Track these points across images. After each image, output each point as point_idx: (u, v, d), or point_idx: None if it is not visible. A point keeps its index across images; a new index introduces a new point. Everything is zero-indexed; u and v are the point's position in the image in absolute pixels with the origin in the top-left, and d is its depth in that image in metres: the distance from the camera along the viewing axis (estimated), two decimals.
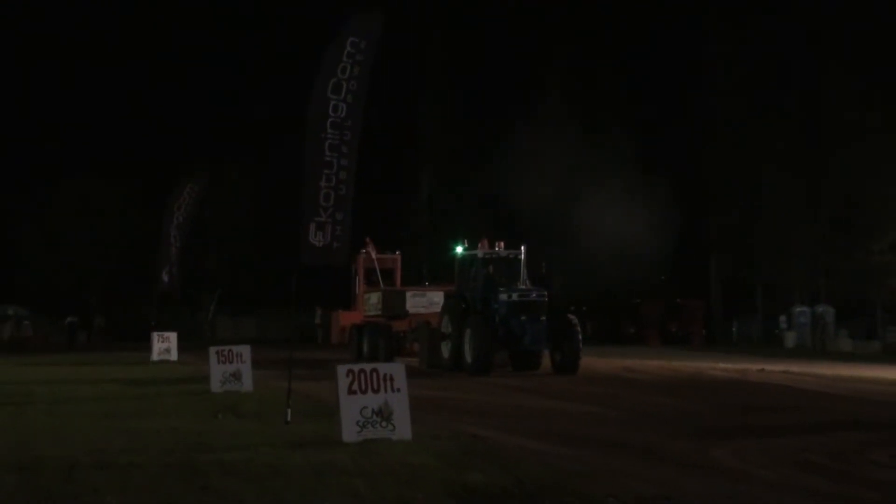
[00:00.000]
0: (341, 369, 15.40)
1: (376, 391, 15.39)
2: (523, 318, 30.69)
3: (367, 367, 15.61)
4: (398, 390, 15.50)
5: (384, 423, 15.27)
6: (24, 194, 67.21)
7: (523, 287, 31.47)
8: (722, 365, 35.88)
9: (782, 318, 60.21)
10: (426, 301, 35.85)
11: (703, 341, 60.20)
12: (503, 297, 31.03)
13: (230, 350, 25.19)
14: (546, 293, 31.72)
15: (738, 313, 65.07)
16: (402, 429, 15.33)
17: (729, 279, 65.00)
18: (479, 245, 33.46)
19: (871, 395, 25.51)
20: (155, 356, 39.19)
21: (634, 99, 65.28)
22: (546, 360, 32.24)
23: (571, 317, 31.94)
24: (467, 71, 67.61)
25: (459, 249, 33.73)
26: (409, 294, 36.34)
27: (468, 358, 30.27)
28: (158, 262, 43.21)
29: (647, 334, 60.20)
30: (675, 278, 68.13)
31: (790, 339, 56.22)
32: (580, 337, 31.28)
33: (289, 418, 17.62)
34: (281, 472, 12.57)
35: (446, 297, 34.12)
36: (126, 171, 65.92)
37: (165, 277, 42.81)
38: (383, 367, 15.71)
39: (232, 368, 24.71)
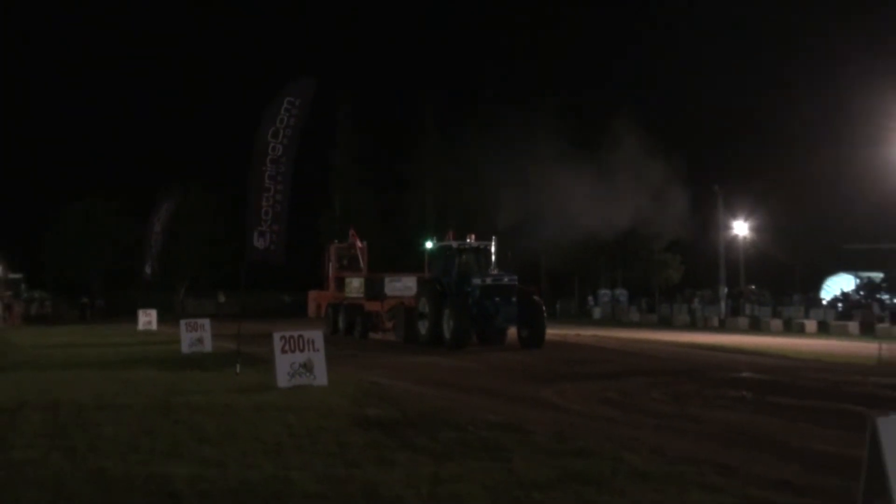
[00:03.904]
0: (276, 335, 15.41)
1: (302, 351, 15.39)
2: (497, 299, 26.58)
3: (295, 333, 15.54)
4: (318, 350, 15.52)
5: (308, 374, 15.28)
6: (44, 210, 66.17)
7: (495, 272, 27.66)
8: (549, 331, 36.11)
9: (590, 298, 61.19)
10: (401, 285, 31.87)
11: None
12: (478, 281, 26.88)
13: (196, 322, 24.97)
14: (516, 277, 27.83)
15: (560, 295, 65.80)
16: (321, 377, 15.34)
17: (553, 270, 65.65)
18: (447, 237, 30.52)
19: (651, 351, 26.00)
20: (140, 327, 38.51)
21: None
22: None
23: (537, 298, 27.98)
24: (370, 120, 67.94)
25: (429, 244, 30.83)
26: (387, 279, 32.21)
27: (447, 335, 26.13)
28: (143, 258, 42.51)
29: None
30: (515, 269, 68.48)
31: (596, 312, 57.12)
32: (545, 316, 27.56)
33: (238, 371, 17.49)
34: (233, 409, 12.49)
35: (421, 281, 30.34)
36: (119, 192, 64.74)
37: (148, 269, 42.07)
38: (307, 334, 15.64)
39: (197, 335, 24.48)
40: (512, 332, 27.81)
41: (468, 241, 28.97)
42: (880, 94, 39.94)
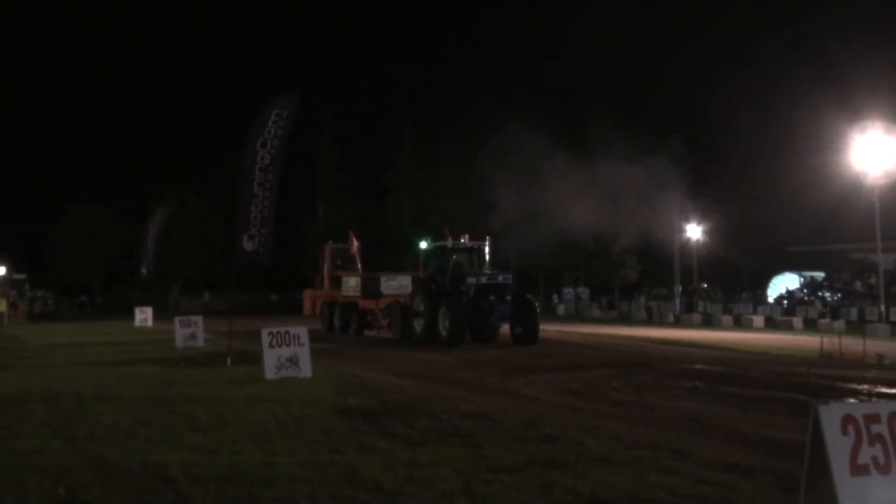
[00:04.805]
0: (264, 332, 15.37)
1: (288, 345, 15.35)
2: (492, 297, 25.35)
3: (282, 329, 15.50)
4: (303, 345, 15.49)
5: (294, 367, 15.24)
6: (46, 213, 65.79)
7: (490, 271, 26.64)
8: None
9: (555, 296, 61.24)
10: (397, 284, 30.12)
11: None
12: (473, 280, 25.63)
13: (189, 319, 24.83)
14: (511, 276, 26.75)
15: (527, 292, 65.67)
16: (306, 370, 15.30)
17: (521, 269, 65.64)
18: (444, 237, 28.67)
19: (611, 345, 26.04)
20: (137, 324, 38.18)
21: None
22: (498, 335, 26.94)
23: (530, 296, 27.02)
24: (351, 133, 67.89)
25: (424, 244, 29.37)
26: (383, 278, 30.49)
27: (443, 332, 24.75)
28: (139, 259, 42.33)
29: None
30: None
31: (560, 309, 57.09)
32: (538, 314, 26.32)
33: (229, 364, 17.42)
34: (224, 399, 12.44)
35: (416, 280, 28.70)
36: (118, 198, 64.51)
37: (144, 270, 41.90)
38: (293, 330, 15.60)
39: (190, 331, 24.32)
40: (504, 329, 26.81)
41: (462, 241, 28.02)
42: (823, 104, 40.38)
